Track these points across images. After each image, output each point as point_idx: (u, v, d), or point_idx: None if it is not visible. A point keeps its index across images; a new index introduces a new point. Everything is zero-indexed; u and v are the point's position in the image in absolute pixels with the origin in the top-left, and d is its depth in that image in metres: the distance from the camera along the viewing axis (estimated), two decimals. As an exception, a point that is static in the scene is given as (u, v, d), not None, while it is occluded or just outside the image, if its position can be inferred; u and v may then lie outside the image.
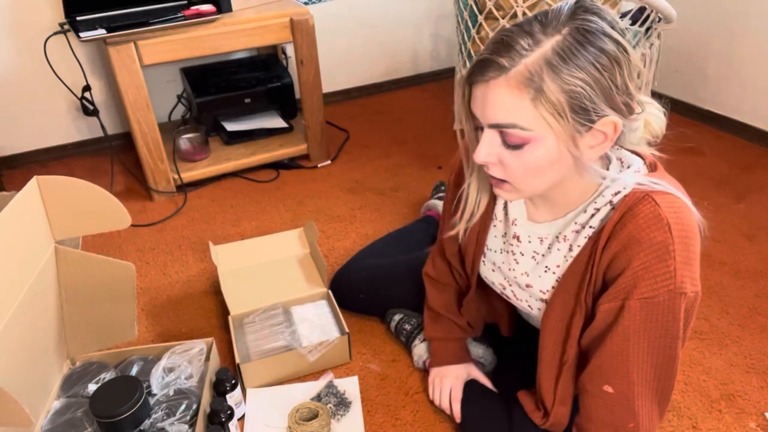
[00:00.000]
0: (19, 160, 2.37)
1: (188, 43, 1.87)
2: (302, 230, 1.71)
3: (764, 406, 1.24)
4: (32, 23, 2.15)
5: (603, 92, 0.73)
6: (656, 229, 0.77)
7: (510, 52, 0.73)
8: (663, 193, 0.79)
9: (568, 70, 0.71)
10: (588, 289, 0.86)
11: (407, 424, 1.23)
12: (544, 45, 0.72)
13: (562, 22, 0.73)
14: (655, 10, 1.80)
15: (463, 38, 2.03)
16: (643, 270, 0.77)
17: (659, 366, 0.82)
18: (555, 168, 0.79)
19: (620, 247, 0.79)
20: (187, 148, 2.18)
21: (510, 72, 0.73)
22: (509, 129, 0.75)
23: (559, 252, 0.90)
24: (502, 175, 0.81)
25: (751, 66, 2.23)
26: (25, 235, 1.08)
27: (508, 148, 0.78)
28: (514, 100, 0.73)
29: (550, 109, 0.72)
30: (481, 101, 0.77)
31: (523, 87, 0.72)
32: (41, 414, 1.16)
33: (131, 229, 1.92)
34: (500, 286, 1.06)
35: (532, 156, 0.77)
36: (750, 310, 1.48)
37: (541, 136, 0.75)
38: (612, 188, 0.83)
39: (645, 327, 0.80)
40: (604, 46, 0.72)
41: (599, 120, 0.74)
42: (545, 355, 0.97)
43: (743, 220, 1.82)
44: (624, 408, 0.86)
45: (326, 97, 2.38)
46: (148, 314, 1.57)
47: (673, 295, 0.77)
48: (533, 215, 0.95)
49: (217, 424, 1.13)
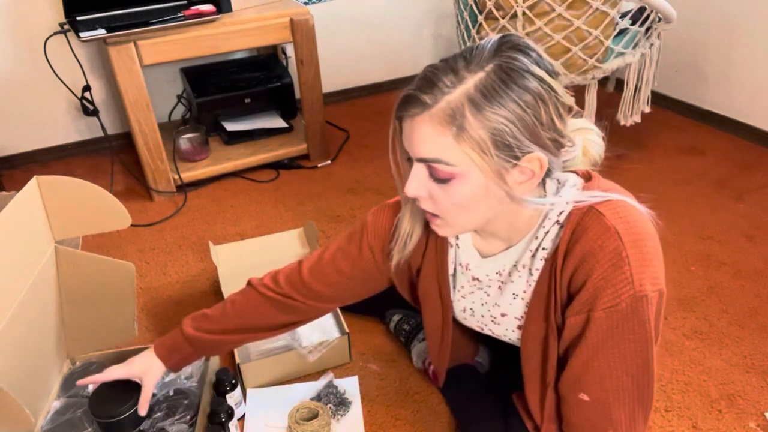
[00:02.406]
0: (19, 160, 2.37)
1: (188, 43, 1.87)
2: (302, 230, 1.71)
3: (764, 406, 1.24)
4: (32, 23, 2.15)
5: (527, 129, 0.73)
6: (606, 238, 0.78)
7: (432, 89, 0.74)
8: (604, 202, 0.80)
9: (490, 107, 0.72)
10: (556, 309, 0.87)
11: (407, 424, 1.23)
12: (467, 82, 0.73)
13: (485, 59, 0.74)
14: (655, 10, 1.80)
15: (463, 38, 2.03)
16: (602, 281, 0.78)
17: (633, 371, 0.83)
18: (484, 203, 0.79)
19: (577, 262, 0.80)
20: (187, 148, 2.18)
21: (432, 109, 0.73)
22: (435, 164, 0.76)
23: (521, 278, 0.91)
24: (432, 209, 0.82)
25: (751, 66, 2.23)
26: (25, 235, 1.08)
27: (436, 182, 0.78)
28: (437, 137, 0.74)
29: (473, 146, 0.73)
30: (408, 135, 0.78)
31: (445, 123, 0.73)
32: (41, 414, 1.16)
33: (131, 229, 1.92)
34: (478, 328, 1.06)
35: (460, 191, 0.77)
36: (750, 310, 1.48)
37: (466, 172, 0.75)
38: (555, 209, 0.84)
39: (612, 334, 0.80)
40: (527, 83, 0.73)
41: (524, 156, 0.75)
42: (529, 377, 0.98)
43: (743, 220, 1.82)
44: (601, 415, 0.86)
45: (326, 97, 2.38)
46: (148, 314, 1.57)
47: (634, 299, 0.77)
48: (485, 249, 0.95)
49: (217, 424, 1.13)
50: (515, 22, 1.77)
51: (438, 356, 1.16)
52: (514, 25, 1.77)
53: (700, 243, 1.71)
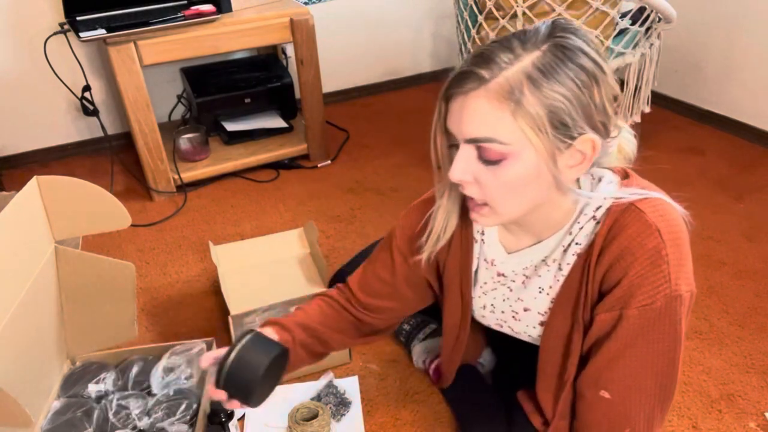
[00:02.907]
0: (19, 160, 2.37)
1: (188, 43, 1.87)
2: (302, 230, 1.71)
3: (764, 406, 1.24)
4: (32, 23, 2.15)
5: (582, 109, 0.73)
6: (646, 236, 0.77)
7: (490, 65, 0.72)
8: (643, 199, 0.80)
9: (548, 84, 0.71)
10: (585, 305, 0.86)
11: (407, 424, 1.23)
12: (524, 60, 0.72)
13: (541, 39, 0.73)
14: (655, 10, 1.80)
15: (463, 38, 2.03)
16: (639, 278, 0.78)
17: (658, 371, 0.82)
18: (533, 187, 0.77)
19: (613, 259, 0.79)
20: (187, 148, 2.18)
21: (490, 84, 0.72)
22: (487, 144, 0.74)
23: (549, 272, 0.90)
24: (478, 194, 0.79)
25: (750, 66, 2.23)
26: (25, 235, 1.08)
27: (485, 164, 0.76)
28: (493, 112, 0.72)
29: (530, 123, 0.72)
30: (458, 115, 0.75)
31: (503, 99, 0.71)
32: (41, 414, 1.16)
33: (131, 229, 1.92)
34: (496, 326, 1.04)
35: (511, 172, 0.75)
36: (750, 310, 1.48)
37: (520, 152, 0.73)
38: (592, 204, 0.83)
39: (643, 333, 0.80)
40: (583, 62, 0.72)
41: (578, 138, 0.74)
42: (545, 373, 0.96)
43: (743, 220, 1.82)
44: (619, 414, 0.86)
45: (326, 97, 2.38)
46: (148, 314, 1.56)
47: (669, 299, 0.77)
48: (511, 245, 0.93)
49: (217, 424, 1.13)
50: (515, 22, 1.77)
51: (450, 355, 1.14)
52: (514, 25, 1.77)
53: (700, 243, 1.71)
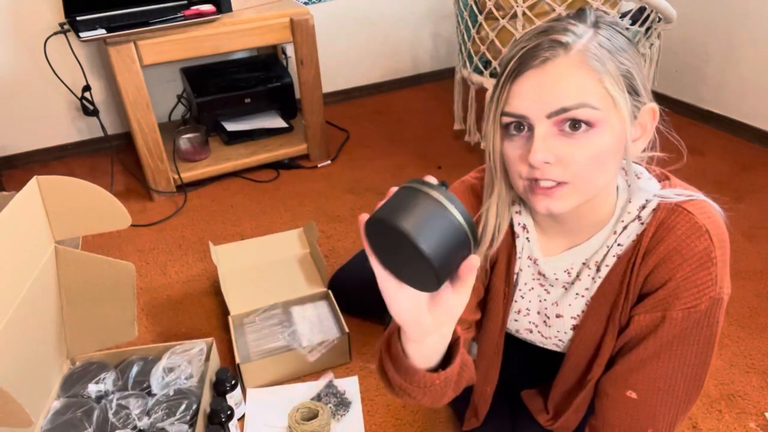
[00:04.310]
0: (19, 160, 2.37)
1: (188, 43, 1.87)
2: (302, 230, 1.71)
3: (764, 406, 1.24)
4: (32, 23, 2.15)
5: (641, 78, 0.73)
6: (696, 238, 0.76)
7: (566, 33, 0.70)
8: (689, 200, 0.79)
9: (617, 52, 0.71)
10: (624, 308, 0.84)
11: (407, 424, 1.23)
12: (589, 32, 0.72)
13: (592, 21, 0.74)
14: (655, 10, 1.80)
15: (463, 38, 2.03)
16: (685, 281, 0.76)
17: (689, 373, 0.81)
18: (614, 161, 0.74)
19: (658, 260, 0.78)
20: (187, 148, 2.18)
21: (572, 50, 0.70)
22: (578, 110, 0.69)
23: (588, 276, 0.87)
24: (561, 175, 0.72)
25: (751, 66, 2.23)
26: (25, 235, 1.08)
27: (568, 138, 0.71)
28: (582, 77, 0.69)
29: (616, 86, 0.70)
30: (536, 89, 0.71)
31: (587, 63, 0.69)
32: (41, 414, 1.16)
33: (131, 229, 1.92)
34: (526, 331, 0.99)
35: (599, 141, 0.71)
36: (750, 310, 1.48)
37: (607, 118, 0.71)
38: (635, 203, 0.81)
39: (683, 335, 0.79)
40: (629, 38, 0.74)
41: (641, 108, 0.74)
42: (568, 373, 0.95)
43: (743, 220, 1.82)
44: (645, 414, 0.85)
45: (326, 97, 2.38)
46: (148, 314, 1.56)
47: (713, 301, 0.76)
48: (548, 250, 0.89)
49: (217, 424, 1.13)
50: (515, 22, 1.77)
51: (485, 378, 1.03)
52: (514, 25, 1.77)
53: (700, 243, 1.71)
